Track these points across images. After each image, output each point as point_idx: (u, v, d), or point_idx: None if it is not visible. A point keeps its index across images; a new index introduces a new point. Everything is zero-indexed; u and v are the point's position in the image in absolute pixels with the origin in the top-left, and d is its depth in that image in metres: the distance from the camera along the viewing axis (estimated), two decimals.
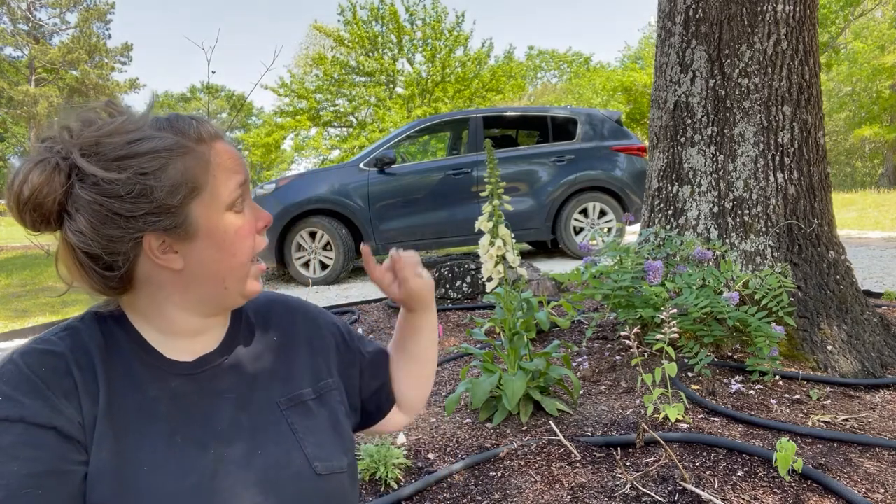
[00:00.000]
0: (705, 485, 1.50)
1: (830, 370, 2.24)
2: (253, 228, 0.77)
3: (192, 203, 0.70)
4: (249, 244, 0.76)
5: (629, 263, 2.48)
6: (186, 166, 0.70)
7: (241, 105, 7.62)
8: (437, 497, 1.56)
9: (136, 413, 0.70)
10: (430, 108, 21.77)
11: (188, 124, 0.73)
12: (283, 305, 0.93)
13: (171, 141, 0.70)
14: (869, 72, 23.35)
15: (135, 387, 0.72)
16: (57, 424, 0.64)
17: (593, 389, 2.22)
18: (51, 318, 5.52)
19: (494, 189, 1.95)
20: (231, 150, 0.76)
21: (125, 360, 0.73)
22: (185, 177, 0.69)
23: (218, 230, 0.72)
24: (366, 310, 3.89)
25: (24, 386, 0.64)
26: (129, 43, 34.70)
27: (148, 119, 0.72)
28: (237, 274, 0.76)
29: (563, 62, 38.57)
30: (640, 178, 6.26)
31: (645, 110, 22.34)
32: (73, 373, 0.68)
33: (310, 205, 5.86)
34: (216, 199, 0.72)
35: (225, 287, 0.75)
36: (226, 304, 0.79)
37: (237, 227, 0.74)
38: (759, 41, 2.49)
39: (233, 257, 0.74)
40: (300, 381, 0.85)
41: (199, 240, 0.71)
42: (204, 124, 0.74)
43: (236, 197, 0.74)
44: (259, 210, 0.79)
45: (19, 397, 0.63)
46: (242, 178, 0.75)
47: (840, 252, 2.54)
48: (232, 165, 0.75)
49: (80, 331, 0.73)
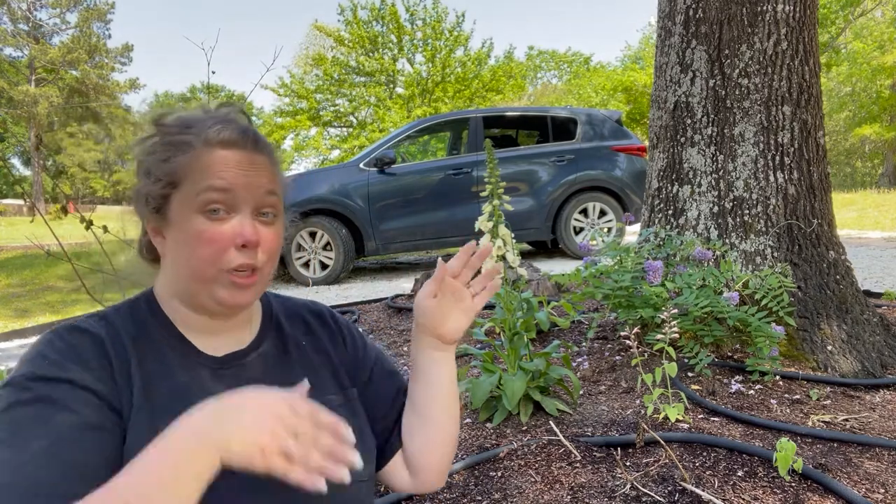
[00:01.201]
0: (705, 485, 1.50)
1: (830, 370, 2.24)
2: (223, 239, 0.75)
3: (173, 195, 0.76)
4: (208, 252, 0.74)
5: (629, 263, 2.48)
6: (179, 163, 0.76)
7: (241, 105, 7.63)
8: (437, 497, 1.56)
9: (168, 396, 0.73)
10: (430, 108, 21.78)
11: (217, 126, 0.78)
12: (314, 312, 0.96)
13: (188, 138, 0.77)
14: (869, 72, 23.35)
15: (167, 372, 0.76)
16: (98, 390, 0.68)
17: (593, 389, 2.22)
18: (51, 318, 5.52)
19: (494, 189, 1.95)
20: (236, 158, 0.76)
21: (157, 348, 0.77)
22: (172, 171, 0.76)
23: (183, 228, 0.76)
24: (366, 310, 3.90)
25: (70, 355, 0.69)
26: (129, 43, 34.72)
27: (209, 115, 0.80)
28: (199, 276, 0.76)
29: (563, 62, 38.57)
30: (640, 178, 6.26)
31: (645, 110, 22.34)
32: (109, 354, 0.72)
33: (310, 205, 5.86)
34: (189, 197, 0.75)
35: (190, 287, 0.78)
36: (201, 304, 0.79)
37: (200, 231, 0.74)
38: (759, 41, 2.49)
39: (191, 258, 0.76)
40: (328, 387, 0.88)
41: (172, 230, 0.77)
42: (228, 129, 0.78)
43: (206, 200, 0.74)
44: (247, 227, 0.75)
45: (66, 363, 0.68)
46: (222, 184, 0.75)
47: (840, 252, 2.54)
48: (217, 171, 0.75)
49: (115, 320, 0.78)
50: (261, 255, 0.78)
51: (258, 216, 0.78)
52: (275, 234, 0.80)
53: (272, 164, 0.81)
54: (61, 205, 2.88)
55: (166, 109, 0.81)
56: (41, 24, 32.84)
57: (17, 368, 0.68)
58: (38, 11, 32.72)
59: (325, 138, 24.81)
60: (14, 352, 4.05)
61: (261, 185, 0.77)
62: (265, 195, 0.78)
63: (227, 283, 0.76)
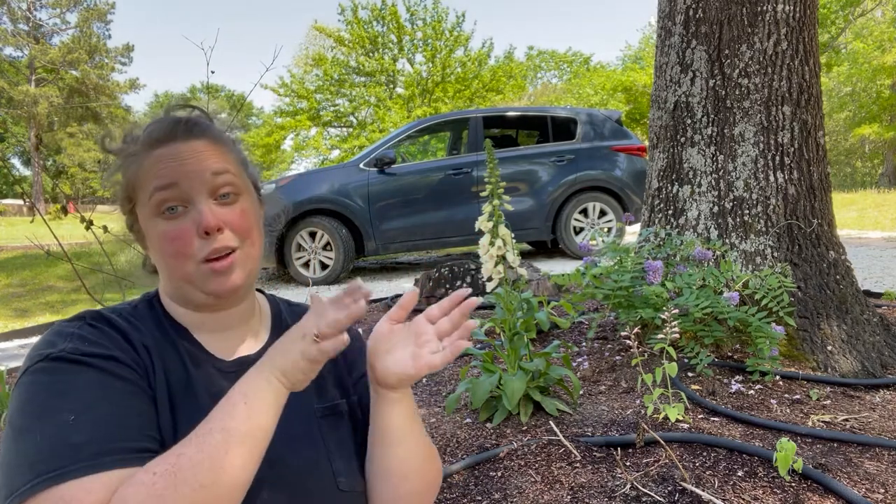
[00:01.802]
0: (705, 485, 1.50)
1: (830, 370, 2.24)
2: (184, 233, 0.75)
3: (136, 209, 0.79)
4: (175, 249, 0.75)
5: (629, 263, 2.47)
6: (129, 176, 0.78)
7: (241, 105, 7.68)
8: (436, 497, 1.56)
9: (184, 390, 0.76)
10: (431, 108, 21.79)
11: (152, 127, 0.79)
12: None
13: (133, 148, 0.79)
14: (869, 72, 23.35)
15: (182, 367, 0.78)
16: (135, 366, 0.72)
17: (593, 389, 2.22)
18: (51, 318, 5.51)
19: (494, 189, 1.95)
20: (170, 153, 0.76)
21: (172, 344, 0.79)
22: (127, 186, 0.79)
23: (150, 235, 0.78)
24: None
25: (105, 339, 0.73)
26: (129, 43, 34.73)
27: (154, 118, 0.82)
28: (179, 275, 0.77)
29: (562, 62, 38.56)
30: (640, 178, 6.26)
31: (645, 110, 22.34)
32: (135, 344, 0.75)
33: (310, 205, 5.86)
34: (144, 205, 0.77)
35: (180, 286, 0.78)
36: (193, 300, 0.79)
37: (161, 232, 0.76)
38: (759, 41, 2.49)
39: (166, 260, 0.77)
40: (334, 394, 0.87)
41: (147, 241, 0.80)
42: (160, 126, 0.79)
43: (157, 201, 0.75)
44: (204, 214, 0.75)
45: (106, 343, 0.72)
46: (164, 182, 0.75)
47: (840, 252, 2.54)
48: (157, 171, 0.76)
49: (133, 315, 0.79)
50: (229, 234, 0.76)
51: (217, 199, 0.77)
52: (240, 211, 0.78)
53: (217, 145, 0.79)
54: (61, 205, 2.88)
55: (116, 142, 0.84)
56: (41, 24, 32.84)
57: (46, 346, 0.70)
58: (38, 11, 32.73)
59: (325, 138, 24.81)
60: (14, 352, 4.05)
61: (205, 168, 0.76)
62: (213, 177, 0.76)
63: (206, 272, 0.76)
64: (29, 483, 0.60)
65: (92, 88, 32.41)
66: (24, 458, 0.62)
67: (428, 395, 2.35)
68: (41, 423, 0.63)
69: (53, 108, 31.51)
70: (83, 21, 32.83)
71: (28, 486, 0.60)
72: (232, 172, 0.79)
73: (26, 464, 0.61)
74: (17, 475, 0.61)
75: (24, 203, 30.76)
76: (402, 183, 6.15)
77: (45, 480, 0.60)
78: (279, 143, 24.67)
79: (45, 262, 8.99)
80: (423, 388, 2.42)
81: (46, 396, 0.65)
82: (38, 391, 0.66)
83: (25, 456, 0.62)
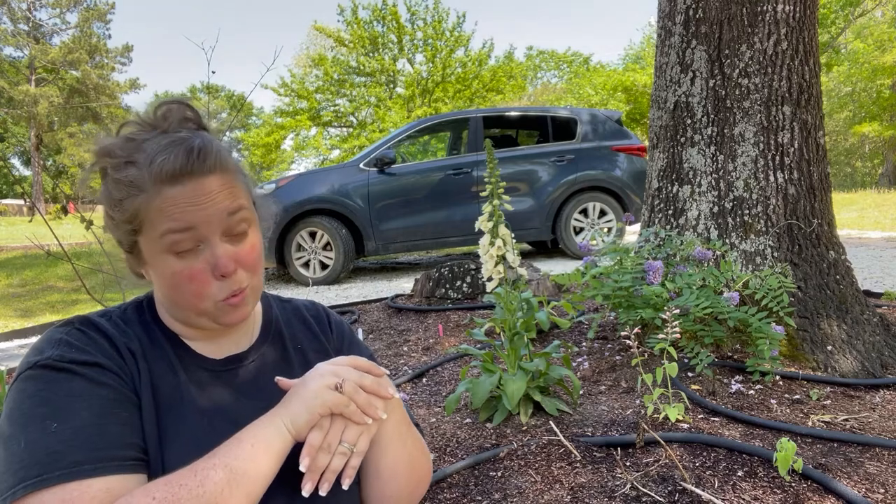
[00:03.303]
0: (705, 485, 1.50)
1: (830, 370, 2.24)
2: (199, 275, 0.74)
3: (138, 238, 0.76)
4: (191, 290, 0.74)
5: (629, 264, 2.48)
6: (135, 206, 0.73)
7: (241, 105, 7.62)
8: (437, 497, 1.56)
9: (171, 394, 0.76)
10: (431, 108, 21.80)
11: (161, 157, 0.72)
12: (313, 314, 0.96)
13: (136, 174, 0.73)
14: (869, 72, 23.34)
15: (171, 370, 0.78)
16: (122, 374, 0.73)
17: (593, 389, 2.22)
18: (52, 317, 5.52)
19: (494, 189, 1.95)
20: (185, 195, 0.72)
21: (161, 348, 0.79)
22: (132, 215, 0.74)
23: (158, 268, 0.76)
24: (366, 310, 3.90)
25: (92, 345, 0.73)
26: (129, 43, 34.75)
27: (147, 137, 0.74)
28: (192, 309, 0.76)
29: (562, 62, 38.57)
30: (640, 178, 6.26)
31: (645, 110, 22.34)
32: (121, 350, 0.75)
33: (310, 205, 5.86)
34: (153, 240, 0.74)
35: (187, 315, 0.78)
36: (204, 327, 0.80)
37: (174, 271, 0.74)
38: (759, 41, 2.49)
39: (178, 296, 0.76)
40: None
41: (151, 268, 0.77)
42: (172, 159, 0.71)
43: (170, 242, 0.73)
44: (220, 259, 0.74)
45: (91, 350, 0.73)
46: (180, 226, 0.72)
47: (840, 252, 2.54)
48: (171, 213, 0.72)
49: (122, 320, 0.79)
50: (242, 273, 0.77)
51: (230, 237, 0.76)
52: (250, 247, 0.78)
53: (227, 175, 0.76)
54: (61, 205, 2.88)
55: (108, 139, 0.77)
56: (41, 24, 32.84)
57: (35, 353, 0.72)
58: (38, 11, 32.73)
59: (326, 138, 24.82)
60: (14, 352, 4.05)
61: (221, 209, 0.74)
62: (228, 217, 0.75)
63: (222, 308, 0.77)
64: (11, 489, 0.62)
65: (92, 88, 32.40)
66: (8, 465, 0.64)
67: (428, 395, 2.35)
68: (25, 431, 0.65)
69: (53, 108, 31.51)
70: (83, 21, 32.84)
71: (10, 492, 0.62)
72: (245, 207, 0.77)
73: (10, 470, 0.63)
74: (1, 481, 0.63)
75: (24, 203, 30.77)
76: (402, 183, 6.15)
77: (27, 487, 0.61)
78: (279, 143, 24.67)
79: (46, 262, 8.99)
80: (423, 388, 2.42)
81: (31, 405, 0.67)
82: (24, 399, 0.68)
83: (9, 463, 0.64)
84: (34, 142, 32.34)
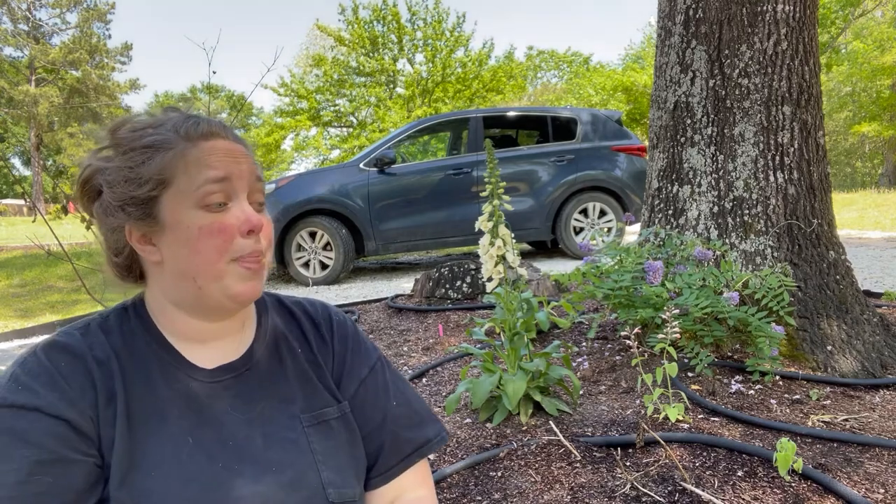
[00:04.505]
0: (705, 485, 1.50)
1: (830, 370, 2.24)
2: (228, 228, 0.73)
3: (162, 196, 0.72)
4: (216, 244, 0.72)
5: (629, 263, 2.48)
6: (164, 161, 0.72)
7: (242, 105, 7.60)
8: (437, 497, 1.56)
9: (149, 414, 0.72)
10: (431, 108, 21.80)
11: (188, 122, 0.75)
12: (311, 316, 0.91)
13: (162, 137, 0.73)
14: (869, 72, 23.34)
15: (150, 387, 0.74)
16: (69, 417, 0.67)
17: (593, 389, 2.22)
18: (52, 317, 5.52)
19: (494, 189, 1.95)
20: (222, 147, 0.75)
21: (143, 360, 0.75)
22: (159, 170, 0.72)
23: (181, 225, 0.72)
24: (366, 310, 3.90)
25: (43, 377, 0.68)
26: (129, 43, 34.74)
27: (167, 116, 0.76)
28: (206, 273, 0.73)
29: (562, 62, 38.57)
30: (640, 178, 6.26)
31: (645, 110, 22.34)
32: (92, 371, 0.71)
33: (310, 205, 5.86)
34: (184, 194, 0.72)
35: (199, 286, 0.74)
36: (209, 304, 0.76)
37: (202, 224, 0.72)
38: (759, 41, 2.49)
39: (197, 255, 0.72)
40: (325, 398, 0.83)
41: (167, 233, 0.73)
42: (202, 123, 0.75)
43: (205, 193, 0.72)
44: (251, 214, 0.75)
45: (37, 388, 0.67)
46: (219, 174, 0.73)
47: (840, 252, 2.54)
48: (211, 162, 0.73)
49: (101, 330, 0.76)
50: (263, 240, 0.77)
51: (252, 203, 0.77)
52: (267, 221, 0.79)
53: (250, 154, 0.80)
54: (61, 205, 2.88)
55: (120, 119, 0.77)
56: (41, 24, 32.84)
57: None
58: (38, 11, 32.73)
59: (326, 138, 24.82)
60: (14, 352, 4.05)
61: (252, 171, 0.77)
62: (255, 181, 0.77)
63: (239, 272, 0.74)
64: None
65: (92, 89, 32.41)
66: None
67: (428, 395, 2.35)
68: None
69: (53, 108, 31.52)
70: (83, 21, 32.84)
71: None
72: (263, 182, 0.80)
73: None
74: None
75: (24, 203, 30.75)
76: (402, 183, 6.15)
77: None
78: (279, 143, 24.65)
79: (46, 262, 8.99)
80: (423, 389, 2.42)
81: None
82: None
83: None
84: (34, 142, 32.34)
